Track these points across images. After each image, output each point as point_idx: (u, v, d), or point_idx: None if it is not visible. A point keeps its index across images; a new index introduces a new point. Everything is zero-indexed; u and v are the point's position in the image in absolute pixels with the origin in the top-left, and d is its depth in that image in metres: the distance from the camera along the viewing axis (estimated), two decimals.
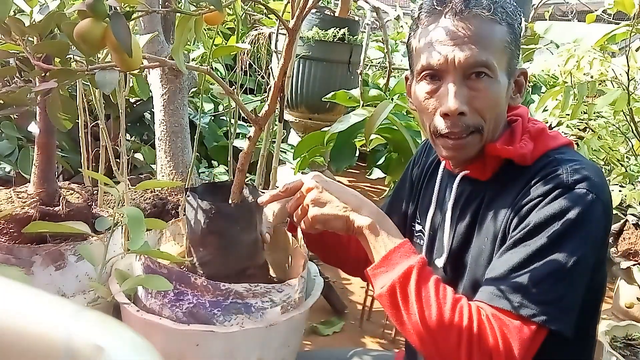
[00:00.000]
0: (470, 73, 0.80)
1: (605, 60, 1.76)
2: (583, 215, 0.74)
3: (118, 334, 0.30)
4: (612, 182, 1.96)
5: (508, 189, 0.83)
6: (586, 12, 2.30)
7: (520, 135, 0.85)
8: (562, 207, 0.75)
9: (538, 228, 0.75)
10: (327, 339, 2.02)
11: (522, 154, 0.82)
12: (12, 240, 1.08)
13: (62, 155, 2.10)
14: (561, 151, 0.83)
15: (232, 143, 1.50)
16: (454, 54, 0.79)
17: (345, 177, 4.03)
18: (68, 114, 0.89)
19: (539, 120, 0.90)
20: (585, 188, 0.76)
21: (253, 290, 0.94)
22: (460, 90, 0.80)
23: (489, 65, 0.80)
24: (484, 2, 0.80)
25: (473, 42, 0.79)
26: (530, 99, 2.94)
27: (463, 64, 0.79)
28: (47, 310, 0.31)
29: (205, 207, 0.98)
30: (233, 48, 1.62)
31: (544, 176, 0.79)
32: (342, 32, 2.36)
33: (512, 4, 0.84)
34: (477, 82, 0.80)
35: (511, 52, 0.83)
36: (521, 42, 0.87)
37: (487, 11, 0.79)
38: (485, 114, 0.82)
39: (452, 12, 0.80)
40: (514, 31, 0.83)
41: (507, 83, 0.84)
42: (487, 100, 0.81)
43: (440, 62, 0.80)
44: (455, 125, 0.81)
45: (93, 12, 0.66)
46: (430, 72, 0.83)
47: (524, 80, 0.89)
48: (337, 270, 2.62)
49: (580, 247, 0.74)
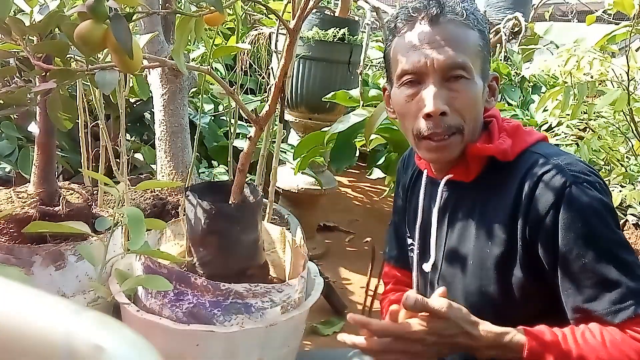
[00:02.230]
0: (449, 75, 0.83)
1: (605, 61, 1.76)
2: (604, 204, 0.78)
3: (118, 334, 0.30)
4: (612, 182, 1.96)
5: (498, 189, 0.85)
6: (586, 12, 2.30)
7: (497, 134, 0.88)
8: (584, 206, 0.77)
9: (578, 231, 0.77)
10: (327, 339, 2.02)
11: (503, 150, 0.85)
12: (12, 240, 1.08)
13: (62, 155, 2.10)
14: (540, 146, 0.86)
15: (232, 143, 1.50)
16: (433, 56, 0.82)
17: (345, 177, 4.03)
18: (68, 114, 0.89)
19: (512, 119, 0.94)
20: (587, 180, 0.79)
21: (253, 290, 0.94)
22: (440, 91, 0.83)
23: (466, 67, 0.83)
24: (457, 8, 0.84)
25: (450, 45, 0.82)
26: (530, 99, 2.95)
27: (442, 66, 0.82)
28: (46, 310, 0.31)
29: (205, 207, 0.98)
30: (233, 48, 1.62)
31: (542, 176, 0.80)
32: (342, 32, 2.36)
33: (478, 11, 0.88)
34: (456, 84, 0.83)
35: (484, 57, 0.87)
36: (490, 48, 0.92)
37: (460, 17, 0.84)
38: (465, 114, 0.84)
39: (428, 17, 0.84)
40: (485, 38, 0.87)
41: (482, 86, 0.87)
42: (466, 100, 0.84)
43: (420, 65, 0.83)
44: (437, 126, 0.83)
45: (94, 14, 0.66)
46: (410, 76, 0.85)
47: (496, 85, 0.93)
48: (337, 270, 2.62)
49: (618, 231, 0.78)
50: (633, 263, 0.76)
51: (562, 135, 2.09)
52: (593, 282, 0.76)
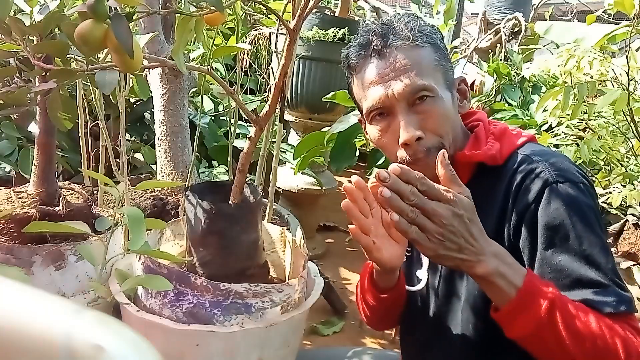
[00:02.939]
0: (414, 99, 0.84)
1: (605, 61, 1.76)
2: (586, 204, 0.77)
3: (118, 334, 0.30)
4: (612, 182, 1.96)
5: (489, 194, 0.85)
6: (586, 12, 2.30)
7: (485, 138, 0.88)
8: (564, 204, 0.76)
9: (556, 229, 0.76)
10: (327, 339, 2.02)
11: (491, 155, 0.85)
12: (12, 240, 1.08)
13: (62, 155, 2.10)
14: (527, 147, 0.86)
15: (232, 143, 1.50)
16: (392, 88, 0.83)
17: (345, 177, 4.03)
18: (68, 114, 0.89)
19: (499, 122, 0.94)
20: (570, 179, 0.78)
21: (253, 290, 0.94)
22: (409, 117, 0.84)
23: (427, 87, 0.83)
24: (402, 33, 0.85)
25: (405, 72, 0.83)
26: (530, 99, 2.94)
27: (403, 94, 0.83)
28: (46, 309, 0.31)
29: (205, 207, 0.98)
30: (233, 48, 1.62)
31: (526, 176, 0.80)
32: (342, 32, 2.36)
33: (427, 25, 0.88)
34: (422, 106, 0.84)
35: (443, 67, 0.87)
36: (449, 55, 0.92)
37: (407, 40, 0.84)
38: (441, 131, 0.85)
39: (376, 52, 0.86)
40: (439, 49, 0.88)
41: (450, 95, 0.88)
42: (437, 118, 0.84)
43: (382, 99, 0.84)
44: (417, 152, 0.84)
45: (94, 14, 0.66)
46: (377, 111, 0.87)
47: (465, 86, 0.94)
48: (337, 270, 2.62)
49: (599, 232, 0.77)
50: (606, 266, 0.75)
51: (562, 135, 2.09)
52: (569, 281, 0.75)
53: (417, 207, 0.67)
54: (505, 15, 4.01)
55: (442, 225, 0.67)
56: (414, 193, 0.67)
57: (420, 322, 0.97)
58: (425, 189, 0.68)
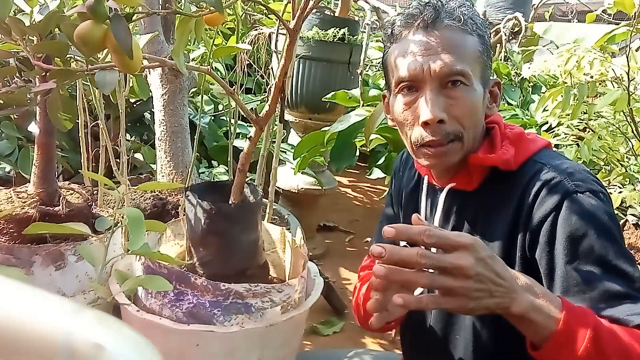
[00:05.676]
0: (447, 82, 0.81)
1: (606, 61, 1.76)
2: (607, 214, 0.75)
3: (118, 333, 0.30)
4: (612, 182, 1.96)
5: (501, 200, 0.83)
6: (586, 12, 2.30)
7: (500, 142, 0.86)
8: (585, 215, 0.74)
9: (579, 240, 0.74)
10: (327, 339, 2.02)
11: (505, 160, 0.82)
12: (12, 240, 1.08)
13: (62, 155, 2.10)
14: (544, 155, 0.84)
15: (232, 143, 1.51)
16: (429, 64, 0.80)
17: (345, 177, 4.03)
18: (68, 114, 0.89)
19: (515, 125, 0.91)
20: (590, 188, 0.76)
21: (253, 290, 0.94)
22: (438, 98, 0.81)
23: (464, 73, 0.81)
24: (455, 13, 0.82)
25: (447, 52, 0.80)
26: (530, 99, 2.94)
27: (439, 73, 0.80)
28: (46, 309, 0.31)
29: (205, 207, 0.98)
30: (233, 48, 1.62)
31: (543, 185, 0.78)
32: (342, 32, 2.36)
33: (480, 17, 0.86)
34: (454, 91, 0.81)
35: (484, 62, 0.85)
36: (492, 54, 0.89)
37: (457, 22, 0.81)
38: (464, 122, 0.82)
39: (424, 24, 0.82)
40: (485, 42, 0.85)
41: (483, 92, 0.85)
42: (465, 107, 0.82)
43: (416, 72, 0.81)
44: (435, 133, 0.81)
45: (93, 14, 0.66)
46: (407, 83, 0.83)
47: (499, 91, 0.91)
48: (337, 270, 2.62)
49: (621, 242, 0.75)
50: (633, 275, 0.73)
51: (562, 135, 2.09)
52: (597, 293, 0.72)
53: (433, 268, 0.58)
54: (505, 15, 4.00)
55: (467, 277, 0.60)
56: (422, 255, 0.58)
57: (423, 326, 0.95)
58: (434, 240, 0.59)
